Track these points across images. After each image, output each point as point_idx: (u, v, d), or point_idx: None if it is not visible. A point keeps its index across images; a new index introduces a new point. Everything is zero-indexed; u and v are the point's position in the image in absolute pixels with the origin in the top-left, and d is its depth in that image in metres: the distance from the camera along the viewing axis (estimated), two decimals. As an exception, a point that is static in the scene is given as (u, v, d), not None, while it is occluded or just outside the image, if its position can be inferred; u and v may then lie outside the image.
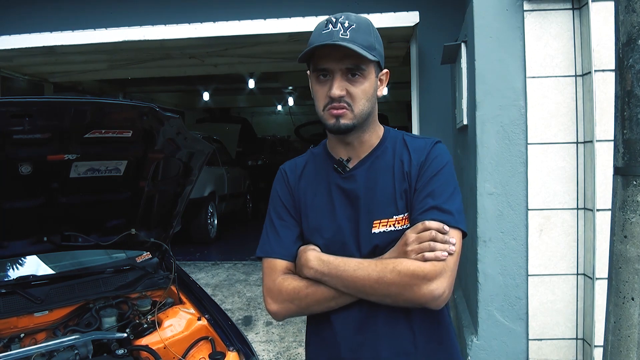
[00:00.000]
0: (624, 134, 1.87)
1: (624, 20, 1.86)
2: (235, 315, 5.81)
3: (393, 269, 1.55)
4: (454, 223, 1.59)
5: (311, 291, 1.65)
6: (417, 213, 1.62)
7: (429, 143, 1.72)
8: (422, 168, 1.66)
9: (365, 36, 1.62)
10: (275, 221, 1.79)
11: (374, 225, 1.66)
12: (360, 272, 1.58)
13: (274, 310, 1.71)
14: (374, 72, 1.66)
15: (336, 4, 5.58)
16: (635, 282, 1.81)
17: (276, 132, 20.96)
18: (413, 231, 1.59)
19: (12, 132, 2.32)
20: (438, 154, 1.69)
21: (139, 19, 5.90)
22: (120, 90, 14.60)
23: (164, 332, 2.67)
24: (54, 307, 2.69)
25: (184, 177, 3.00)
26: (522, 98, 3.83)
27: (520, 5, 3.84)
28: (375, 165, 1.71)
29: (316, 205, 1.75)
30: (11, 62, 8.15)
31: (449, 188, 1.64)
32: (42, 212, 2.75)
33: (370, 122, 1.71)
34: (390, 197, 1.67)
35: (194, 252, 9.06)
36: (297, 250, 1.73)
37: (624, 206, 1.86)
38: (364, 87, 1.63)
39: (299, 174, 1.82)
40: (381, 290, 1.56)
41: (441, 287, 1.54)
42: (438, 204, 1.60)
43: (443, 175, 1.65)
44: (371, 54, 1.59)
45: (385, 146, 1.74)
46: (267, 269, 1.75)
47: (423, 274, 1.53)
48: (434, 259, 1.54)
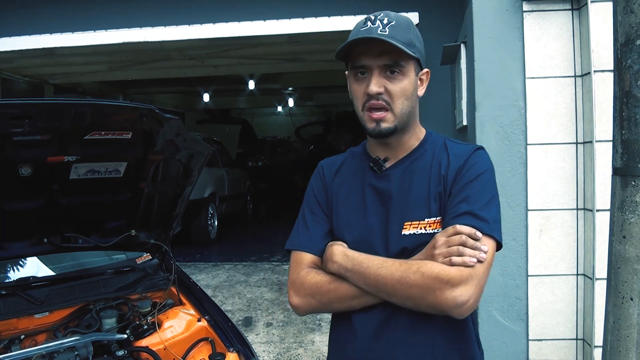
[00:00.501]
0: (623, 135, 1.87)
1: (622, 21, 1.87)
2: (235, 317, 5.81)
3: (417, 270, 1.50)
4: (487, 231, 1.53)
5: (333, 287, 1.62)
6: (449, 217, 1.56)
7: (470, 149, 1.66)
8: (459, 173, 1.61)
9: (405, 33, 1.58)
10: (306, 215, 1.78)
11: (405, 227, 1.61)
12: (383, 270, 1.54)
13: (295, 304, 1.68)
14: (414, 70, 1.62)
15: (336, 6, 5.60)
16: (634, 282, 1.81)
17: (276, 133, 20.95)
18: (443, 234, 1.54)
19: (12, 133, 2.32)
20: (478, 160, 1.63)
21: (139, 21, 5.90)
22: (121, 92, 14.60)
23: (164, 333, 2.67)
24: (54, 308, 2.69)
25: (184, 178, 3.00)
26: (521, 99, 3.83)
27: (520, 6, 3.85)
28: (412, 167, 1.67)
29: (348, 203, 1.72)
30: (11, 64, 8.16)
31: (485, 195, 1.58)
32: (42, 214, 2.75)
33: (410, 123, 1.67)
34: (423, 199, 1.62)
35: (194, 253, 9.06)
36: (325, 246, 1.70)
37: (623, 206, 1.87)
38: (403, 85, 1.59)
39: (335, 171, 1.80)
40: (403, 291, 1.52)
41: (465, 295, 1.48)
42: (472, 210, 1.54)
43: (480, 182, 1.60)
44: (411, 51, 1.55)
45: (425, 149, 1.70)
46: (294, 262, 1.73)
47: (447, 277, 1.47)
48: (461, 264, 1.48)
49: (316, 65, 10.20)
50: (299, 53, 8.72)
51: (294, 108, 21.75)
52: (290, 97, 19.39)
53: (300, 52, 8.58)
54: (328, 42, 7.47)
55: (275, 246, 9.66)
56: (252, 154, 15.42)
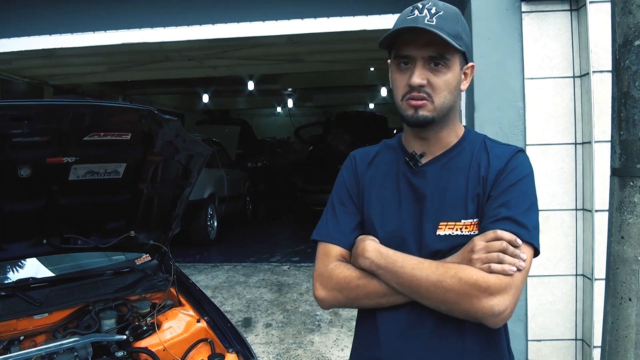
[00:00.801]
0: (621, 135, 1.88)
1: (620, 22, 1.87)
2: (234, 317, 5.81)
3: (454, 275, 1.45)
4: (527, 238, 1.47)
5: (363, 283, 1.56)
6: (488, 221, 1.51)
7: (511, 150, 1.60)
8: (500, 175, 1.55)
9: (452, 24, 1.52)
10: (336, 206, 1.71)
11: (440, 227, 1.55)
12: (418, 271, 1.48)
13: (321, 297, 1.63)
14: (459, 63, 1.56)
15: (335, 6, 5.59)
16: (632, 282, 1.81)
17: (276, 134, 20.97)
18: (482, 238, 1.48)
19: (12, 135, 2.32)
20: (519, 164, 1.57)
21: (138, 22, 5.90)
22: (120, 93, 14.62)
23: (163, 334, 2.67)
24: (54, 309, 2.69)
25: (183, 179, 3.01)
26: (520, 99, 3.84)
27: (518, 7, 3.85)
28: (450, 165, 1.61)
29: (381, 196, 1.66)
30: (10, 65, 8.16)
31: (526, 201, 1.53)
32: (41, 215, 2.75)
33: (450, 118, 1.60)
34: (461, 200, 1.56)
35: (194, 254, 9.06)
36: (354, 239, 1.64)
37: (621, 207, 1.87)
38: (446, 78, 1.53)
39: (367, 162, 1.73)
40: (438, 295, 1.47)
41: (503, 304, 1.42)
42: (513, 215, 1.49)
43: (521, 187, 1.54)
44: (457, 43, 1.50)
45: (463, 147, 1.63)
46: (321, 254, 1.67)
47: (486, 285, 1.42)
48: (501, 272, 1.43)
49: (315, 66, 10.22)
50: (298, 54, 8.72)
51: (293, 109, 21.79)
52: (289, 98, 19.42)
53: (299, 52, 8.59)
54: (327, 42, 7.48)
55: (275, 247, 9.67)
56: (251, 154, 15.41)
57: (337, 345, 5.11)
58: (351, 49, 8.12)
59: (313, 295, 1.68)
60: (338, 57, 9.00)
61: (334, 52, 8.55)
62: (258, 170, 14.92)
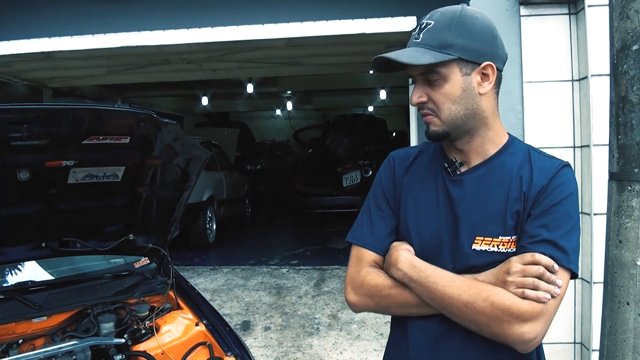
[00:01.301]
0: (619, 140, 1.88)
1: (618, 27, 1.88)
2: (233, 320, 5.81)
3: (486, 298, 1.42)
4: (565, 263, 1.43)
5: (394, 292, 1.55)
6: (527, 241, 1.46)
7: (555, 165, 1.53)
8: (542, 192, 1.49)
9: (440, 33, 1.47)
10: (372, 209, 1.69)
11: (476, 241, 1.51)
12: (450, 290, 1.46)
13: (352, 302, 1.63)
14: (458, 70, 1.49)
15: (334, 10, 5.60)
16: (630, 287, 1.81)
17: (275, 137, 20.97)
18: (519, 260, 1.43)
19: (11, 138, 2.32)
20: (564, 181, 1.50)
21: (137, 25, 5.90)
22: (119, 95, 14.61)
23: (161, 338, 2.67)
24: (52, 312, 2.69)
25: (182, 182, 3.01)
26: (519, 103, 3.85)
27: (517, 11, 3.86)
28: (489, 176, 1.55)
29: (418, 202, 1.62)
30: (10, 68, 8.16)
31: (568, 222, 1.47)
32: (40, 218, 2.75)
33: (476, 126, 1.55)
34: (499, 215, 1.51)
35: (193, 257, 9.06)
36: (388, 245, 1.63)
37: (619, 211, 1.87)
38: (444, 91, 1.49)
39: (407, 166, 1.69)
40: (468, 315, 1.44)
41: (533, 332, 1.40)
42: (553, 238, 1.44)
43: (564, 207, 1.48)
44: (444, 52, 1.46)
45: (505, 157, 1.57)
46: (354, 258, 1.66)
47: (518, 312, 1.39)
48: (534, 299, 1.39)
49: (315, 69, 10.22)
50: (297, 57, 8.73)
51: (292, 111, 21.79)
52: (288, 101, 19.41)
53: (298, 55, 8.59)
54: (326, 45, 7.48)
55: (274, 250, 9.67)
56: (250, 157, 15.42)
57: (335, 349, 5.11)
58: (350, 52, 8.12)
59: (345, 298, 1.67)
60: (337, 60, 9.00)
61: (333, 55, 8.55)
62: (257, 173, 14.92)
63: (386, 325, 5.47)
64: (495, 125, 1.59)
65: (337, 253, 9.19)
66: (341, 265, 7.96)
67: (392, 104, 17.64)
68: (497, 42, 1.54)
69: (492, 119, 1.58)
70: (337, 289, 6.77)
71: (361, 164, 9.92)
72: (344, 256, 8.78)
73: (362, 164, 9.92)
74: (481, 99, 1.53)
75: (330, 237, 10.54)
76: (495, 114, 1.59)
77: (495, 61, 1.53)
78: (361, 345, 5.14)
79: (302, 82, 15.08)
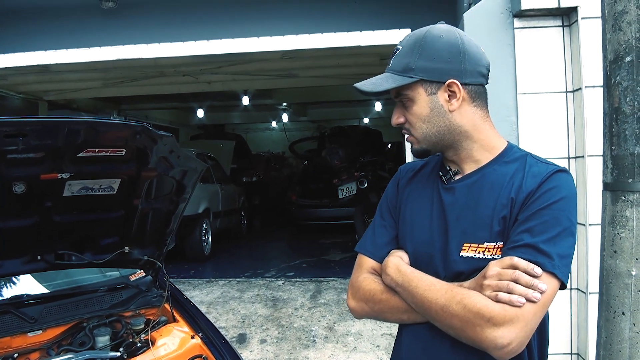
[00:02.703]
0: (612, 150, 1.89)
1: (610, 39, 1.89)
2: (229, 333, 5.78)
3: (460, 301, 1.42)
4: (549, 268, 1.39)
5: (385, 298, 1.59)
6: (508, 247, 1.45)
7: (549, 170, 1.51)
8: (530, 197, 1.47)
9: (403, 58, 1.55)
10: (377, 219, 1.76)
11: (464, 248, 1.52)
12: (429, 293, 1.48)
13: (351, 307, 1.68)
14: (423, 90, 1.53)
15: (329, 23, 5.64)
16: (625, 297, 1.82)
17: (271, 149, 21.00)
18: (498, 264, 1.43)
19: (6, 151, 2.32)
20: (555, 185, 1.48)
21: (133, 37, 5.92)
22: (115, 108, 14.62)
23: (157, 351, 2.66)
24: (48, 326, 2.68)
25: (178, 195, 3.01)
26: (513, 114, 3.86)
27: (511, 23, 3.89)
28: (480, 183, 1.56)
29: (415, 211, 1.66)
30: (6, 81, 8.18)
31: (555, 227, 1.43)
32: (35, 231, 2.75)
33: (456, 140, 1.58)
34: (485, 221, 1.51)
35: (188, 270, 9.03)
36: (387, 253, 1.66)
37: (613, 221, 1.88)
38: (413, 111, 1.55)
39: (410, 177, 1.74)
40: (445, 319, 1.45)
41: (507, 337, 1.36)
42: (535, 243, 1.41)
43: (552, 211, 1.45)
44: (403, 76, 1.53)
45: (498, 165, 1.57)
46: (356, 265, 1.72)
47: (489, 315, 1.37)
48: (507, 303, 1.37)
49: (310, 81, 10.26)
50: (292, 69, 8.76)
51: (288, 123, 21.84)
52: (284, 113, 19.48)
53: (294, 68, 8.63)
54: (322, 58, 7.52)
55: (270, 262, 9.65)
56: (246, 169, 15.42)
57: (332, 361, 5.10)
58: (345, 64, 8.16)
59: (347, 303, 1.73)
60: (332, 72, 9.05)
61: (328, 67, 8.60)
62: (253, 185, 14.92)
63: (382, 337, 5.46)
64: (482, 136, 1.60)
65: (333, 265, 9.18)
66: (337, 277, 7.95)
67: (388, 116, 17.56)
68: (464, 57, 1.54)
69: (476, 131, 1.59)
70: (333, 301, 6.76)
71: (357, 175, 9.91)
72: (340, 268, 8.77)
73: (357, 175, 9.90)
74: (453, 115, 1.55)
75: (326, 249, 10.52)
76: (481, 126, 1.60)
77: (462, 77, 1.53)
78: (358, 357, 5.12)
79: (298, 94, 15.12)
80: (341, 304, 6.62)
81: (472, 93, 1.57)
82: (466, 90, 1.55)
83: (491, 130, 1.63)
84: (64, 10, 6.09)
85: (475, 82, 1.57)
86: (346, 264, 9.06)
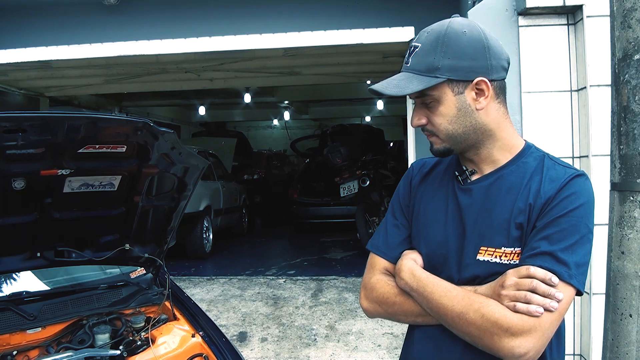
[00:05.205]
0: (621, 150, 1.87)
1: (619, 36, 1.87)
2: (230, 331, 5.77)
3: (477, 310, 1.40)
4: (566, 277, 1.38)
5: (399, 301, 1.57)
6: (526, 254, 1.42)
7: (568, 174, 1.48)
8: (549, 203, 1.44)
9: (425, 57, 1.47)
10: (388, 217, 1.72)
11: (480, 252, 1.49)
12: (445, 300, 1.46)
13: (364, 307, 1.66)
14: (450, 90, 1.47)
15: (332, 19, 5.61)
16: (632, 298, 1.80)
17: (272, 147, 21.00)
18: (515, 274, 1.40)
19: (6, 147, 2.30)
20: (573, 192, 1.45)
21: (135, 34, 5.91)
22: (116, 105, 14.63)
23: (157, 349, 2.64)
24: (47, 323, 2.66)
25: (179, 192, 2.99)
26: (517, 113, 3.83)
27: (516, 21, 3.86)
28: (498, 185, 1.52)
29: (429, 211, 1.62)
30: (7, 77, 8.17)
31: (574, 235, 1.42)
32: (35, 228, 2.73)
33: (480, 139, 1.52)
34: (503, 226, 1.48)
35: (189, 267, 9.02)
36: (400, 253, 1.64)
37: (621, 222, 1.85)
38: (439, 112, 1.49)
39: (424, 174, 1.70)
40: (461, 326, 1.43)
41: (524, 347, 1.35)
42: (553, 251, 1.39)
43: (571, 219, 1.43)
44: (429, 77, 1.45)
45: (517, 165, 1.53)
46: (369, 264, 1.69)
47: (507, 325, 1.36)
48: (525, 313, 1.36)
49: (312, 79, 10.26)
50: (294, 66, 8.75)
51: (289, 121, 21.83)
52: (286, 111, 19.47)
53: (296, 65, 8.62)
54: (324, 55, 7.50)
55: (271, 260, 9.63)
56: (247, 167, 15.42)
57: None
58: (348, 61, 8.15)
59: (359, 303, 1.71)
60: (335, 69, 9.04)
61: (330, 64, 8.58)
62: (254, 183, 14.91)
63: (384, 336, 5.45)
64: (504, 134, 1.55)
65: (334, 263, 9.16)
66: (338, 275, 7.93)
67: (390, 114, 17.70)
68: (489, 53, 1.48)
69: (499, 129, 1.54)
70: (334, 300, 6.74)
71: (359, 173, 9.88)
72: (342, 266, 8.76)
73: (359, 173, 9.88)
74: (480, 114, 1.50)
75: (328, 247, 10.51)
76: (503, 124, 1.54)
77: (489, 74, 1.48)
78: (359, 356, 5.10)
79: (300, 92, 15.13)
80: (342, 302, 6.61)
81: (497, 89, 1.52)
82: (492, 87, 1.50)
83: (511, 128, 1.58)
84: (66, 6, 6.07)
85: (500, 78, 1.52)
86: (347, 262, 9.05)
